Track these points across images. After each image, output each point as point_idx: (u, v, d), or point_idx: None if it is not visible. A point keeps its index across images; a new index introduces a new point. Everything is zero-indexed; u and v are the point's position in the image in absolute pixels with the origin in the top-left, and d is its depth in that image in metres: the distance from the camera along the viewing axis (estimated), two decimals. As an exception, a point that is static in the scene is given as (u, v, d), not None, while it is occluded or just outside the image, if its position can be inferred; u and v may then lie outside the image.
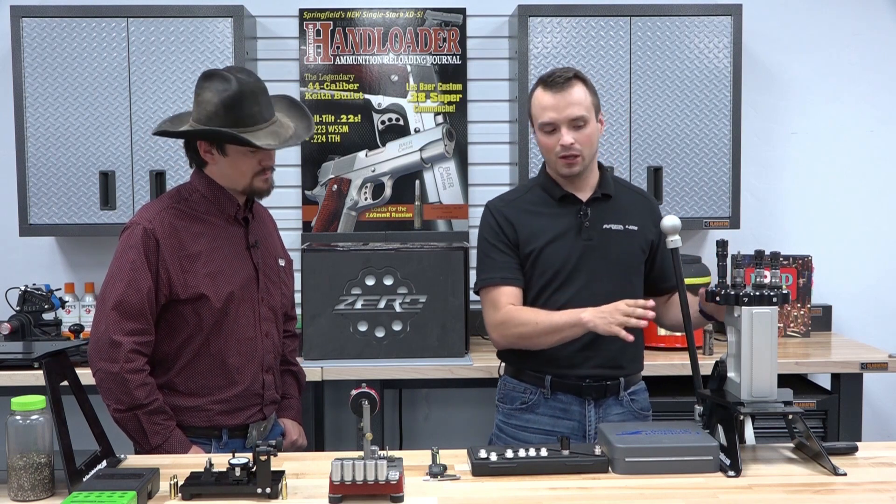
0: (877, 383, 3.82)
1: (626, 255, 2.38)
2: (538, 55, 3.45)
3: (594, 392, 2.36)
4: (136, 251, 2.14)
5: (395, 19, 3.73)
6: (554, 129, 2.30)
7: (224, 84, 2.17)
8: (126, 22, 3.39)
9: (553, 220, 2.37)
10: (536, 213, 2.38)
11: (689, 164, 3.50)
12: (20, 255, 3.72)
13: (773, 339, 1.97)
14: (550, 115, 2.29)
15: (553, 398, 2.37)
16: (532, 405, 2.39)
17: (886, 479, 1.89)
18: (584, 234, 2.35)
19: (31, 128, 3.40)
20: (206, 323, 2.20)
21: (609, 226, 2.37)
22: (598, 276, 2.34)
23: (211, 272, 2.20)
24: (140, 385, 2.12)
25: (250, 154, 2.22)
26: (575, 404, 2.37)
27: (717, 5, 3.49)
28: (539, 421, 2.38)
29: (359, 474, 1.72)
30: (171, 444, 2.14)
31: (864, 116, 3.86)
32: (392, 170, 3.76)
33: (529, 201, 2.41)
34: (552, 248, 2.34)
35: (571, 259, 2.34)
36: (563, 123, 2.29)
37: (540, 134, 2.34)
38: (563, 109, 2.28)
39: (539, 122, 2.33)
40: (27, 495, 1.76)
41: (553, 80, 2.30)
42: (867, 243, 3.89)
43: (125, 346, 2.11)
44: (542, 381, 2.37)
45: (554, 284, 2.34)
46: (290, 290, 2.47)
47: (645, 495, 1.78)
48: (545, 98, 2.31)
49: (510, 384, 2.45)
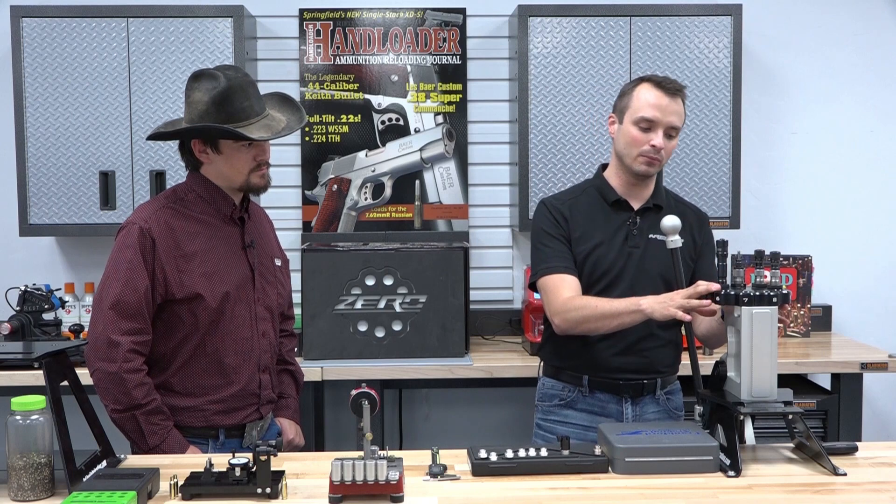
0: (877, 383, 3.82)
1: (667, 266, 2.35)
2: (538, 55, 3.45)
3: (631, 390, 2.41)
4: (132, 250, 2.14)
5: (395, 19, 3.73)
6: (649, 128, 2.33)
7: (213, 82, 2.17)
8: (126, 22, 3.39)
9: (603, 225, 2.42)
10: (589, 214, 2.43)
11: (689, 164, 3.50)
12: (20, 255, 3.72)
13: (773, 339, 1.97)
14: (655, 114, 2.32)
15: (591, 396, 2.42)
16: (570, 402, 2.45)
17: (886, 479, 1.89)
18: (630, 242, 2.40)
19: (31, 128, 3.40)
20: (203, 323, 2.19)
21: (654, 236, 2.40)
22: (639, 285, 2.36)
23: (207, 272, 2.20)
24: (138, 385, 2.11)
25: (245, 149, 2.22)
26: (612, 402, 2.42)
27: (717, 5, 3.49)
28: (577, 416, 2.44)
29: (359, 474, 1.72)
30: (168, 444, 2.14)
31: (864, 116, 3.86)
32: (392, 170, 3.76)
33: (584, 202, 2.46)
34: (599, 251, 2.39)
35: (616, 265, 2.39)
36: (662, 126, 2.33)
37: (633, 127, 2.35)
38: (668, 114, 2.33)
39: (639, 115, 2.34)
40: (27, 495, 1.76)
41: (666, 84, 2.35)
42: (867, 243, 3.89)
43: (123, 346, 2.10)
44: (580, 381, 2.42)
45: (597, 288, 2.38)
46: (287, 290, 2.47)
47: (645, 495, 1.78)
48: (655, 96, 2.33)
49: (548, 384, 2.51)
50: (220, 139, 2.20)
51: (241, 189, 2.28)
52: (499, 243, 3.79)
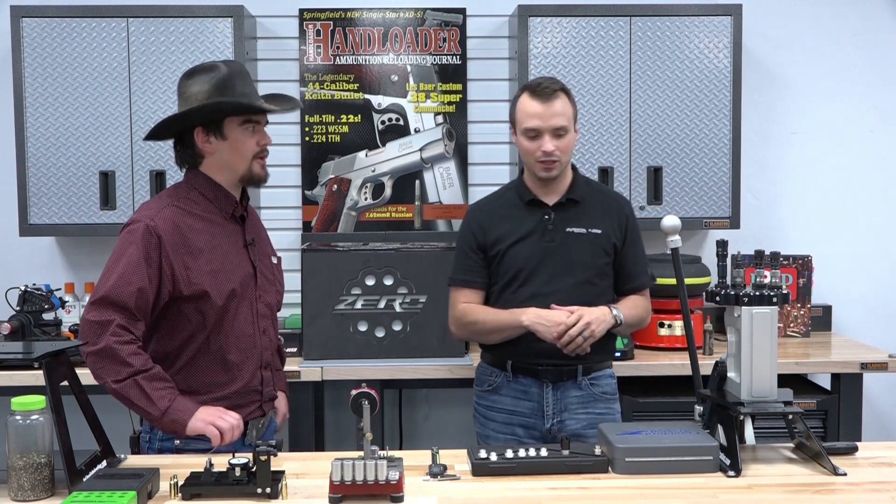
0: (877, 383, 3.82)
1: (586, 256, 2.51)
2: (538, 55, 3.45)
3: (551, 375, 2.50)
4: (135, 248, 2.12)
5: (395, 19, 3.73)
6: (536, 136, 2.46)
7: (212, 72, 2.20)
8: (126, 22, 3.39)
9: (519, 223, 2.54)
10: (507, 215, 2.56)
11: (689, 164, 3.50)
12: (20, 255, 3.72)
13: (773, 339, 1.97)
14: (535, 123, 2.45)
15: (515, 381, 2.54)
16: (497, 387, 2.57)
17: (886, 479, 1.89)
18: (546, 237, 2.51)
19: (31, 128, 3.40)
20: (209, 321, 2.19)
21: (572, 229, 2.52)
22: (557, 276, 2.49)
23: (213, 269, 2.19)
24: (133, 354, 2.06)
25: (249, 134, 2.23)
26: (534, 386, 2.52)
27: (717, 5, 3.49)
28: (502, 401, 2.56)
29: (359, 474, 1.72)
30: (177, 406, 2.08)
31: (864, 116, 3.86)
32: (392, 170, 3.76)
33: (502, 205, 2.60)
34: (515, 248, 2.51)
35: (533, 259, 2.50)
36: (547, 131, 2.45)
37: (522, 138, 2.49)
38: (548, 119, 2.44)
39: (523, 126, 2.48)
40: (27, 495, 1.76)
41: (540, 90, 2.46)
42: (867, 243, 3.89)
43: (112, 323, 2.06)
44: (505, 365, 2.55)
45: (516, 282, 2.51)
46: (282, 288, 2.48)
47: (645, 495, 1.78)
48: (532, 105, 2.46)
49: (481, 368, 2.65)
50: (229, 117, 2.19)
51: (243, 179, 2.28)
52: (499, 243, 3.79)
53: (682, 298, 2.24)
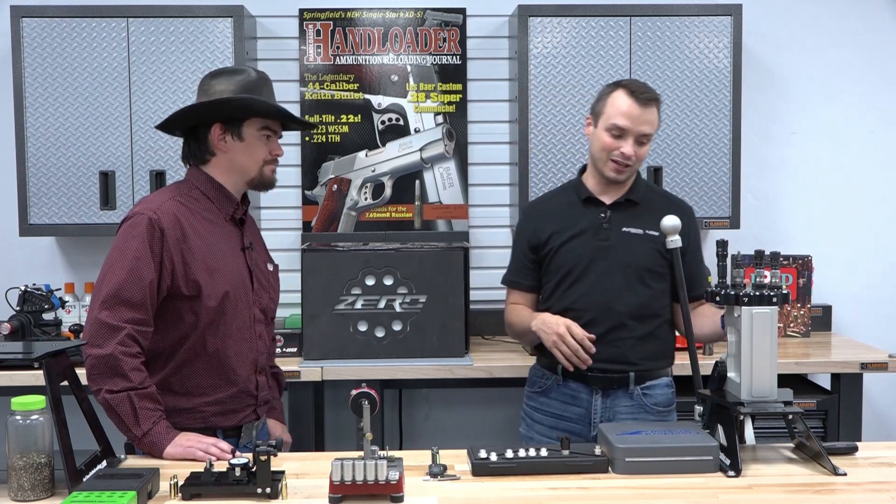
0: (877, 383, 3.82)
1: (641, 257, 2.44)
2: (538, 55, 3.45)
3: (600, 383, 2.45)
4: (139, 241, 2.09)
5: (395, 19, 3.73)
6: (621, 135, 2.40)
7: (241, 74, 2.22)
8: (126, 22, 3.39)
9: (574, 221, 2.49)
10: (561, 213, 2.52)
11: (689, 164, 3.50)
12: (20, 255, 3.72)
13: (773, 339, 1.97)
14: (625, 122, 2.38)
15: (564, 385, 2.49)
16: (546, 389, 2.53)
17: (886, 479, 1.89)
18: (600, 235, 2.46)
19: (31, 128, 3.41)
20: (203, 321, 2.16)
21: (628, 229, 2.46)
22: (609, 276, 2.43)
23: (210, 269, 2.17)
24: (135, 369, 2.05)
25: (264, 141, 2.24)
26: (583, 392, 2.47)
27: (717, 5, 3.49)
28: (550, 404, 2.52)
29: (359, 474, 1.72)
30: (157, 431, 2.06)
31: (864, 116, 3.86)
32: (392, 170, 3.76)
33: (558, 202, 2.57)
34: (568, 246, 2.47)
35: (585, 257, 2.46)
36: (633, 135, 2.39)
37: (604, 133, 2.42)
38: (639, 123, 2.38)
39: (611, 122, 2.40)
40: (27, 495, 1.76)
41: (640, 93, 2.39)
42: (867, 243, 3.89)
43: (123, 331, 2.04)
44: (556, 369, 2.49)
45: (567, 281, 2.47)
46: (277, 295, 2.46)
47: (645, 495, 1.78)
48: (628, 104, 2.38)
49: (535, 369, 2.61)
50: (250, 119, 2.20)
51: (252, 182, 2.27)
52: (499, 243, 3.79)
53: (683, 298, 2.25)
